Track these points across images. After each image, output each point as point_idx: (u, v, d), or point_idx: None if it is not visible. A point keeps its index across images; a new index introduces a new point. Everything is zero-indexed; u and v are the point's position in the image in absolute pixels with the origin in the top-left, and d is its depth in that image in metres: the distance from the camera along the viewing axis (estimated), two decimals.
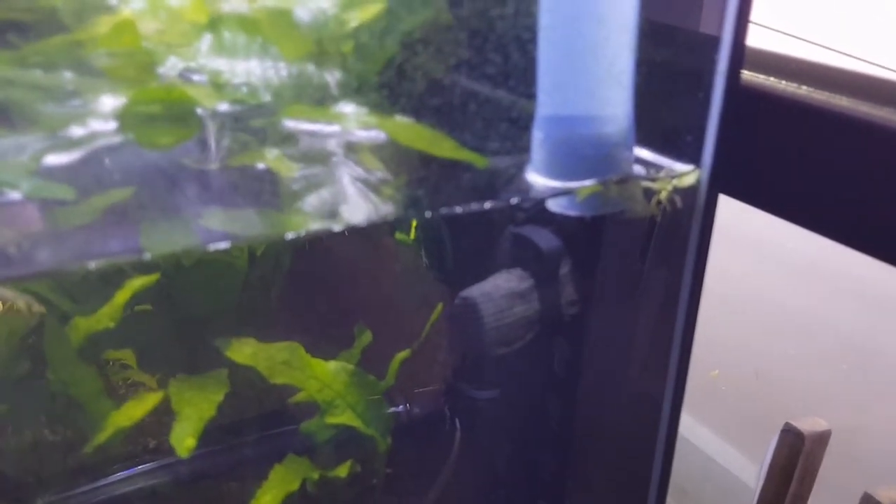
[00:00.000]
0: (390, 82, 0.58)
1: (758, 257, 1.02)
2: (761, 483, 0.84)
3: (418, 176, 0.56)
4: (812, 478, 0.82)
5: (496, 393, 0.66)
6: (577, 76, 0.49)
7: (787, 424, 0.81)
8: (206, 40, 0.60)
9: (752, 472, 1.08)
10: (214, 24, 0.60)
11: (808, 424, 0.80)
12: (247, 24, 0.61)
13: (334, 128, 0.60)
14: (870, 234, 0.54)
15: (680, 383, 0.60)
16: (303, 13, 0.63)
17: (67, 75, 0.57)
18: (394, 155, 0.57)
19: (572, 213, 0.53)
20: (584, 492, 0.68)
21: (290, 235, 0.51)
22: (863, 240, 0.54)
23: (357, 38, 0.61)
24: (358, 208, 0.53)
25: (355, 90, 0.60)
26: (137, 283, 0.54)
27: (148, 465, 0.60)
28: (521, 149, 0.53)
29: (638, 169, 0.54)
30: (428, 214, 0.49)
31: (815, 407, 0.84)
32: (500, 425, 0.69)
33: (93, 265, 0.47)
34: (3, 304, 0.51)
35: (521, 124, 0.53)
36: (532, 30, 0.49)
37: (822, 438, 0.80)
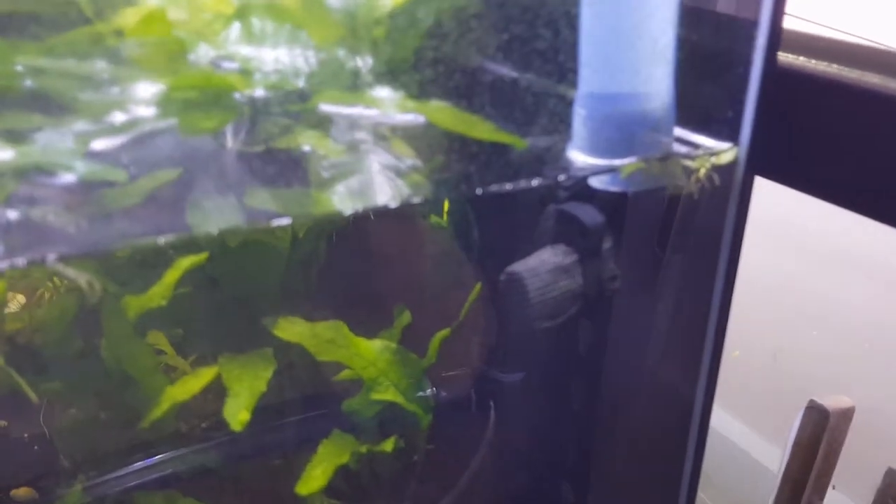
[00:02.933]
0: (425, 65, 0.59)
1: (780, 239, 1.03)
2: (786, 460, 0.85)
3: (458, 157, 0.57)
4: (836, 454, 0.83)
5: (532, 374, 0.67)
6: (622, 52, 0.49)
7: (811, 401, 0.83)
8: (237, 28, 0.61)
9: (771, 453, 1.09)
10: (244, 11, 0.60)
11: (833, 401, 0.82)
12: (277, 11, 0.61)
13: (371, 112, 0.60)
14: None
15: (715, 360, 0.61)
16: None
17: (100, 64, 0.57)
18: (433, 138, 0.58)
19: (614, 188, 0.54)
20: (616, 479, 0.69)
21: (334, 213, 0.52)
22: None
23: (390, 21, 0.61)
24: (397, 189, 0.54)
25: (389, 74, 0.60)
26: (186, 262, 0.55)
27: (195, 446, 0.61)
28: (562, 127, 0.54)
29: (677, 147, 0.55)
30: (479, 191, 0.50)
31: (838, 387, 0.85)
32: (533, 406, 0.70)
33: (146, 242, 0.48)
34: (64, 282, 0.52)
35: (562, 103, 0.54)
36: (575, 5, 0.50)
37: (847, 415, 0.81)
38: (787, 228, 1.01)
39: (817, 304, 1.04)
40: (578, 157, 0.53)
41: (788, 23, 0.58)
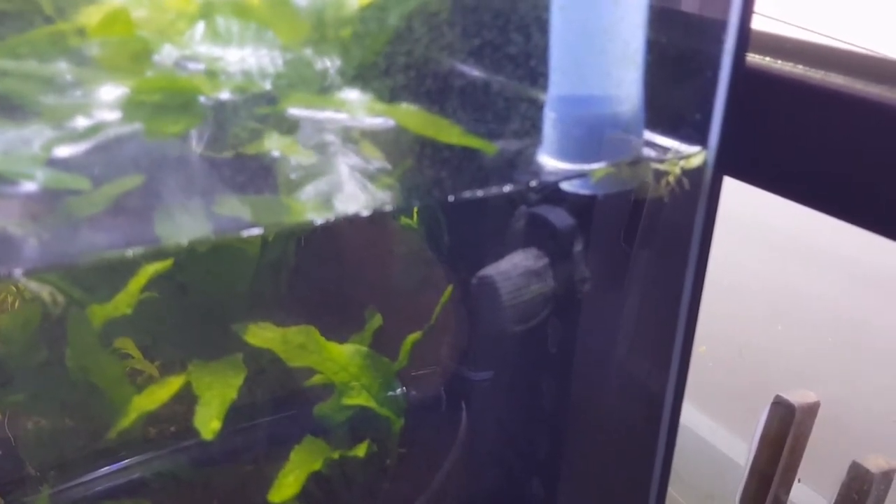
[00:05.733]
0: (393, 67, 0.58)
1: (745, 235, 1.04)
2: (752, 454, 0.86)
3: (428, 162, 0.56)
4: (802, 448, 0.84)
5: (504, 374, 0.67)
6: (593, 56, 0.50)
7: (777, 397, 0.84)
8: (202, 28, 0.60)
9: (738, 448, 1.11)
10: (208, 10, 0.59)
11: (798, 396, 0.83)
12: (242, 10, 0.60)
13: (341, 115, 0.60)
14: (867, 209, 0.55)
15: (685, 357, 0.62)
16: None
17: (62, 65, 0.56)
18: (403, 142, 0.58)
19: (584, 192, 0.54)
20: (587, 476, 0.70)
21: (305, 222, 0.51)
22: (860, 214, 0.55)
23: (358, 22, 0.61)
24: (368, 195, 0.53)
25: (357, 76, 0.60)
26: (151, 269, 0.54)
27: (163, 451, 0.60)
28: (532, 131, 0.54)
29: (646, 150, 0.55)
30: (450, 198, 0.49)
31: (804, 381, 0.86)
32: (505, 406, 0.70)
33: (114, 254, 0.47)
34: (27, 295, 0.51)
35: (532, 107, 0.54)
36: (545, 10, 0.50)
37: (812, 409, 0.82)
38: (753, 225, 1.02)
39: (782, 300, 1.06)
40: (549, 161, 0.53)
41: (756, 23, 0.59)
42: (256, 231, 0.48)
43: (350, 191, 0.53)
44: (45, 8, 0.54)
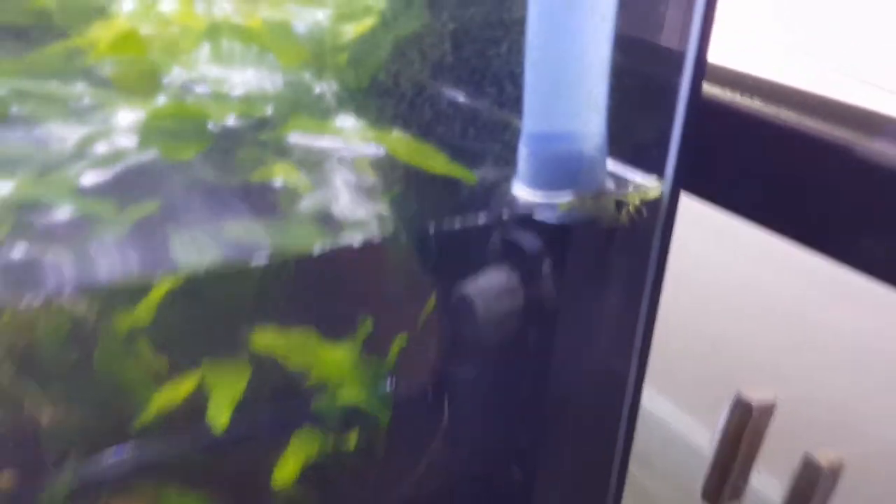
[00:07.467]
0: (383, 92, 0.63)
1: (715, 239, 1.08)
2: (714, 448, 0.93)
3: (414, 190, 0.62)
4: (758, 443, 0.91)
5: (481, 375, 0.74)
6: (561, 102, 0.56)
7: (737, 395, 0.90)
8: (208, 50, 0.64)
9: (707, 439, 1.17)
10: (214, 31, 0.64)
11: (757, 396, 0.89)
12: (246, 33, 0.65)
13: (336, 143, 0.64)
14: (808, 227, 0.62)
15: (642, 362, 0.69)
16: (300, 25, 0.67)
17: (79, 87, 0.60)
18: (393, 169, 0.63)
19: (553, 220, 0.61)
20: (557, 464, 0.76)
21: (308, 251, 0.57)
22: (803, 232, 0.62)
23: (352, 50, 0.65)
24: (367, 222, 0.58)
25: (351, 100, 0.65)
26: (168, 283, 0.60)
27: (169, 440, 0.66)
28: (506, 162, 0.60)
29: (609, 182, 0.61)
30: (432, 230, 0.56)
31: (775, 378, 0.92)
32: (483, 404, 0.77)
33: (140, 280, 0.52)
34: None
35: (507, 140, 0.60)
36: (519, 65, 0.56)
37: (768, 409, 0.89)
38: (725, 222, 1.06)
39: (751, 298, 1.10)
40: (521, 190, 0.59)
41: (719, 59, 0.64)
42: (265, 253, 0.54)
43: (350, 218, 0.59)
44: (57, 23, 0.58)
